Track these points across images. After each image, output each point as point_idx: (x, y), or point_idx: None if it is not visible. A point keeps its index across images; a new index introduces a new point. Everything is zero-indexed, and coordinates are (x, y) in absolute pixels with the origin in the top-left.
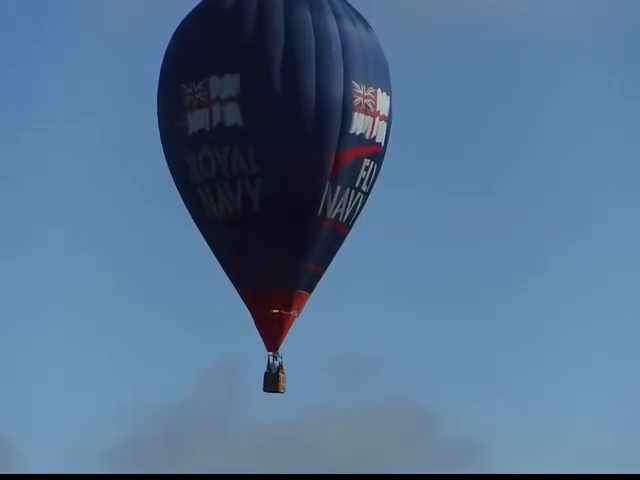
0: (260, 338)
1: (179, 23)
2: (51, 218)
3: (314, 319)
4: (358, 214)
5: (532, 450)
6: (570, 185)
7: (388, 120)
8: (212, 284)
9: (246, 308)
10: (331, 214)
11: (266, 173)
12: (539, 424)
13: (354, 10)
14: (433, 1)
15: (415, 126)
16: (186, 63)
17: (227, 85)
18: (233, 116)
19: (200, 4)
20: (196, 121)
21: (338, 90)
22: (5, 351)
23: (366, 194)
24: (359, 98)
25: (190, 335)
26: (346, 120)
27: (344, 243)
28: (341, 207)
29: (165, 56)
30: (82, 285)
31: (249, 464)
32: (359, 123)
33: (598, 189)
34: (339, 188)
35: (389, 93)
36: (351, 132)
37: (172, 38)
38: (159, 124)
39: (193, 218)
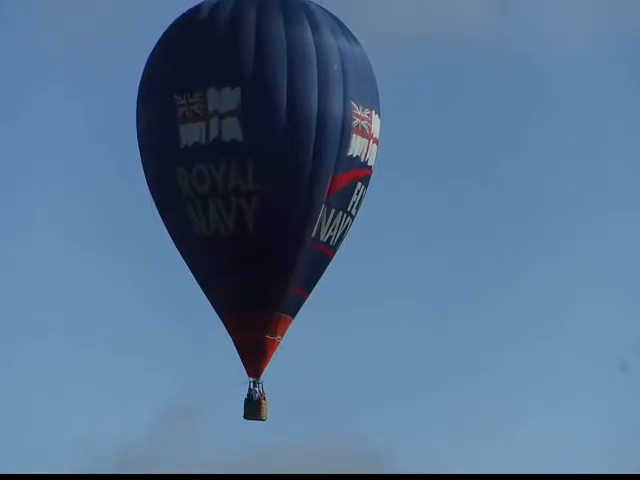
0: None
1: (165, 29)
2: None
3: (296, 345)
4: (343, 238)
5: None
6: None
7: (378, 143)
8: (188, 306)
9: (226, 332)
10: (324, 237)
11: (263, 191)
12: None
13: (345, 26)
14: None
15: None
16: (180, 73)
17: (226, 98)
18: (232, 131)
19: (191, 10)
20: (190, 134)
21: (338, 110)
22: None
23: (353, 218)
24: (357, 120)
25: (165, 359)
26: (344, 142)
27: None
28: (333, 230)
29: (150, 65)
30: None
31: None
32: (356, 145)
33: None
34: (333, 211)
35: (380, 115)
36: (349, 154)
37: (158, 45)
38: (140, 136)
39: (173, 235)
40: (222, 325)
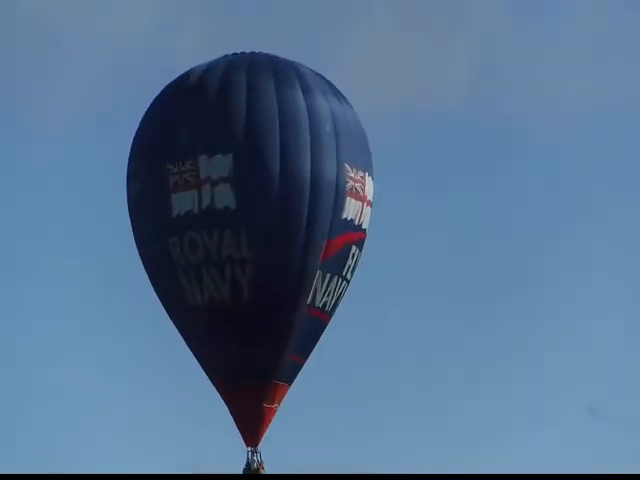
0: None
1: (155, 97)
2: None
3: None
4: (339, 303)
5: None
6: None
7: (372, 205)
8: (184, 376)
9: (222, 401)
10: (319, 302)
11: (258, 258)
12: None
13: (336, 88)
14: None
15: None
16: (171, 141)
17: (218, 165)
18: (225, 198)
19: (181, 76)
20: (182, 203)
21: (332, 173)
22: None
23: (348, 282)
24: (351, 182)
25: (161, 430)
26: (338, 205)
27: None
28: (328, 295)
29: (140, 133)
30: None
31: None
32: (350, 208)
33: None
34: (328, 275)
35: (373, 177)
36: (343, 217)
37: (148, 112)
38: (131, 205)
39: (166, 305)
40: (218, 394)
